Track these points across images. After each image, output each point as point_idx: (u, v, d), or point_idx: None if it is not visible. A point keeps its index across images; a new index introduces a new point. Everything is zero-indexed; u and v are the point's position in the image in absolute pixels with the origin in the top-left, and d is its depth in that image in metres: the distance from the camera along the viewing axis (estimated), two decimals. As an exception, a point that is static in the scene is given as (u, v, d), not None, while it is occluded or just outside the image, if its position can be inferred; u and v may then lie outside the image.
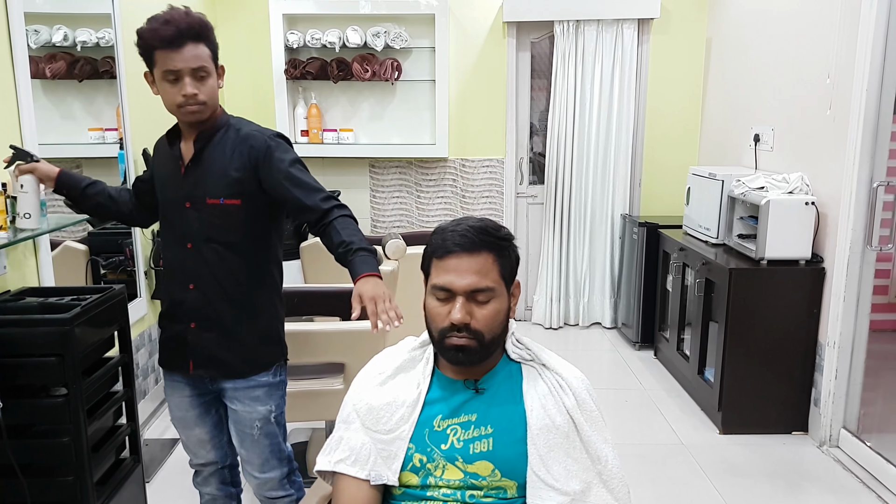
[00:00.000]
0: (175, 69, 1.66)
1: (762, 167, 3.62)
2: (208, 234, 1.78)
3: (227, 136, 1.79)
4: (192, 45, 1.67)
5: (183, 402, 1.92)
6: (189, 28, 1.67)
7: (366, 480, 1.28)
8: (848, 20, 2.86)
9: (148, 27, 1.69)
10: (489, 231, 1.30)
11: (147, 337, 3.29)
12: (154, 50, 1.67)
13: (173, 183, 1.81)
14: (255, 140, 1.77)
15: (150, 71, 1.74)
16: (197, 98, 1.69)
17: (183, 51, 1.66)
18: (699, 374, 3.45)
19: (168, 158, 1.83)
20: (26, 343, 1.88)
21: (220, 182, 1.76)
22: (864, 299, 2.91)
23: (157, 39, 1.66)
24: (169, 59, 1.66)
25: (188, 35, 1.66)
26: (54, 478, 1.96)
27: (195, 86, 1.68)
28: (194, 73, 1.68)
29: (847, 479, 2.80)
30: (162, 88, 1.71)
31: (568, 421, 1.29)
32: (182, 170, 1.79)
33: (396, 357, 1.39)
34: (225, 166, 1.76)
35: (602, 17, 4.36)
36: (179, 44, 1.66)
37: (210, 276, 1.80)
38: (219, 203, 1.76)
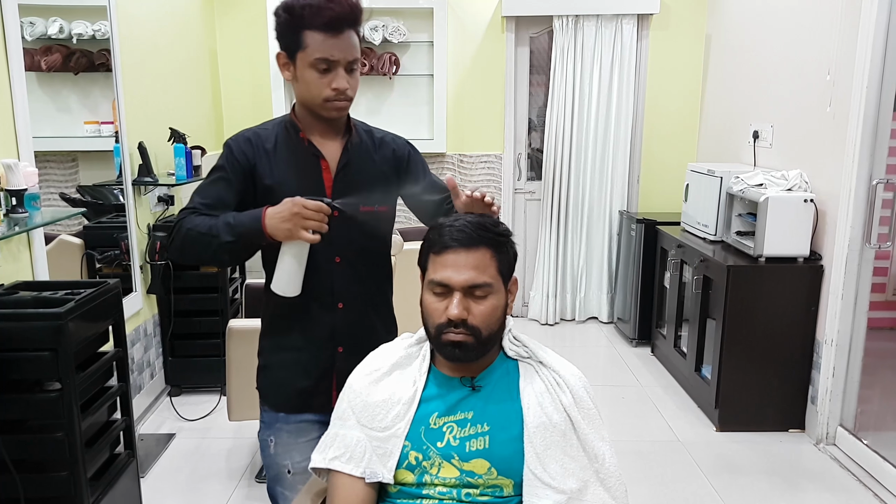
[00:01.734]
0: (332, 59, 1.44)
1: (761, 164, 3.61)
2: (362, 245, 1.57)
3: (362, 138, 1.60)
4: (350, 33, 1.45)
5: (311, 446, 1.42)
6: (352, 11, 1.44)
7: (361, 478, 1.27)
8: (848, 17, 2.85)
9: (311, 2, 1.41)
10: (487, 227, 1.29)
11: (142, 331, 3.27)
12: (305, 29, 1.42)
13: (313, 187, 1.52)
14: (397, 145, 1.63)
15: (287, 53, 1.48)
16: (347, 94, 1.49)
17: (342, 38, 1.44)
18: (696, 372, 3.44)
19: (302, 156, 1.54)
20: (20, 337, 1.86)
21: (374, 188, 1.57)
22: (863, 297, 2.90)
23: (317, 18, 1.41)
24: (325, 44, 1.42)
25: (349, 20, 1.44)
26: (48, 473, 1.95)
27: (347, 79, 1.48)
28: (349, 66, 1.48)
29: (844, 477, 2.80)
30: (307, 76, 1.46)
31: (565, 419, 1.28)
32: (327, 174, 1.54)
33: (392, 354, 1.38)
34: (377, 171, 1.58)
35: (601, 13, 4.34)
36: (340, 28, 1.43)
37: (361, 292, 1.59)
38: (373, 210, 1.56)
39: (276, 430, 1.59)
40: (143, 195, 3.28)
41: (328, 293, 1.55)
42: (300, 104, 1.55)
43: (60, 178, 2.80)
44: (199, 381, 3.49)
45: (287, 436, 1.58)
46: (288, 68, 1.50)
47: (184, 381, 3.49)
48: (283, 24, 1.47)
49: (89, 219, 2.98)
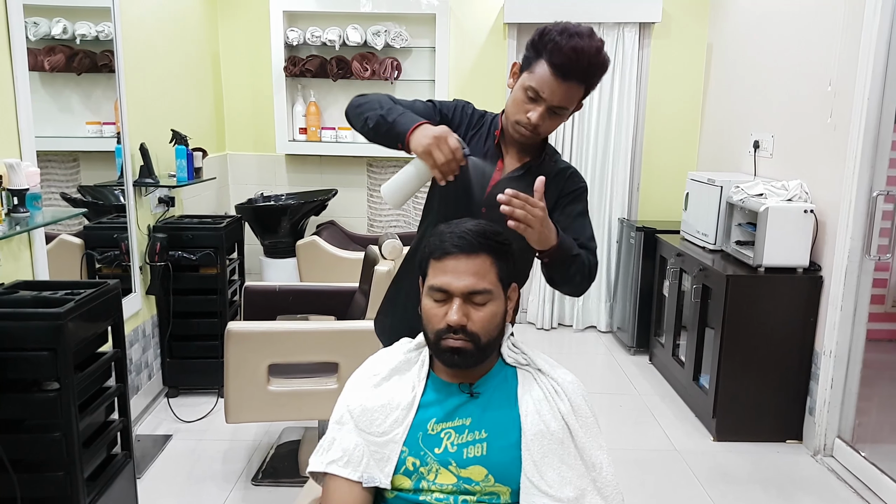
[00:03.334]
0: (542, 97, 1.50)
1: (761, 174, 3.62)
2: None
3: (545, 161, 1.65)
4: (574, 84, 1.49)
5: None
6: (586, 67, 1.48)
7: (358, 482, 1.27)
8: (850, 28, 2.86)
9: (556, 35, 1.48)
10: (487, 234, 1.29)
11: (141, 332, 3.27)
12: (540, 58, 1.50)
13: (479, 176, 1.61)
14: (570, 182, 1.65)
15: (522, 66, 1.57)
16: (536, 129, 1.54)
17: (564, 85, 1.49)
18: (694, 381, 3.44)
19: (483, 147, 1.65)
20: (19, 337, 1.86)
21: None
22: (862, 308, 2.90)
23: (555, 56, 1.47)
24: (546, 80, 1.48)
25: (581, 74, 1.49)
26: (45, 473, 1.95)
27: (544, 117, 1.52)
28: (554, 110, 1.52)
29: (841, 489, 2.80)
30: (516, 93, 1.56)
31: (563, 427, 1.28)
32: (497, 175, 1.63)
33: (391, 359, 1.38)
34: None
35: (603, 21, 4.35)
36: (567, 77, 1.48)
37: None
38: None
39: None
40: (143, 196, 3.28)
41: None
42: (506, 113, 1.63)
43: (61, 178, 2.80)
44: (197, 382, 3.48)
45: None
46: (514, 77, 1.59)
47: (181, 382, 3.49)
48: (531, 42, 1.55)
49: (90, 219, 2.98)
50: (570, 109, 1.55)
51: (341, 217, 4.68)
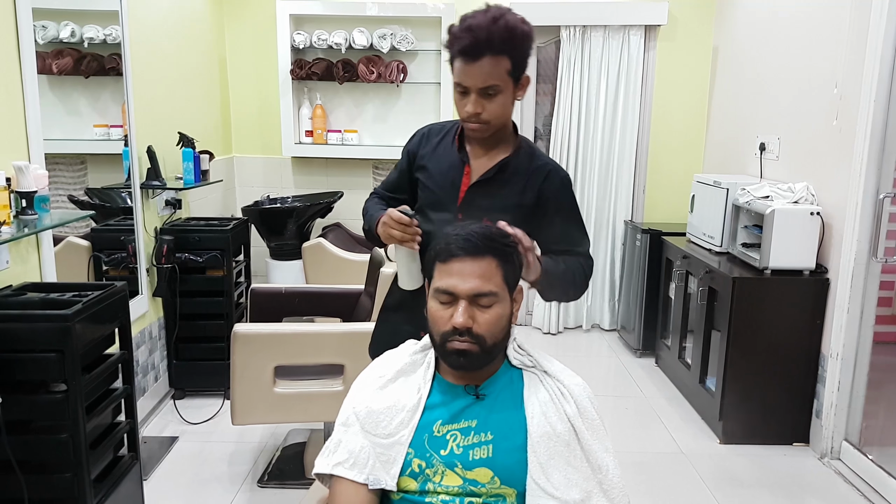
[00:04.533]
0: (466, 86, 1.53)
1: (767, 176, 3.61)
2: None
3: (520, 161, 1.64)
4: (490, 58, 1.49)
5: None
6: (484, 40, 1.47)
7: (364, 484, 1.27)
8: (856, 30, 2.85)
9: (457, 25, 1.52)
10: (493, 236, 1.29)
11: (147, 334, 3.28)
12: (452, 55, 1.54)
13: (450, 190, 1.64)
14: (551, 177, 1.64)
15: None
16: (479, 118, 1.56)
17: (475, 65, 1.49)
18: (700, 383, 3.43)
19: (448, 158, 1.66)
20: (26, 338, 1.87)
21: (505, 207, 1.59)
22: (868, 311, 2.89)
23: (455, 44, 1.50)
24: (461, 69, 1.52)
25: (481, 49, 1.48)
26: (52, 474, 1.96)
27: (480, 104, 1.54)
28: (484, 90, 1.52)
29: (848, 492, 2.79)
30: (454, 97, 1.61)
31: (569, 429, 1.28)
32: (466, 180, 1.64)
33: (397, 360, 1.38)
34: (518, 196, 1.62)
35: (609, 24, 4.35)
36: (471, 56, 1.49)
37: None
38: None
39: None
40: (150, 199, 3.29)
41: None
42: None
43: (69, 180, 2.81)
44: (203, 384, 3.49)
45: None
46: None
47: (188, 384, 3.50)
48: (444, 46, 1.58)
49: (97, 221, 2.99)
50: (503, 85, 1.52)
51: (347, 219, 4.68)
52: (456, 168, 1.66)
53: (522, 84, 1.58)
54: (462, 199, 1.64)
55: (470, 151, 1.67)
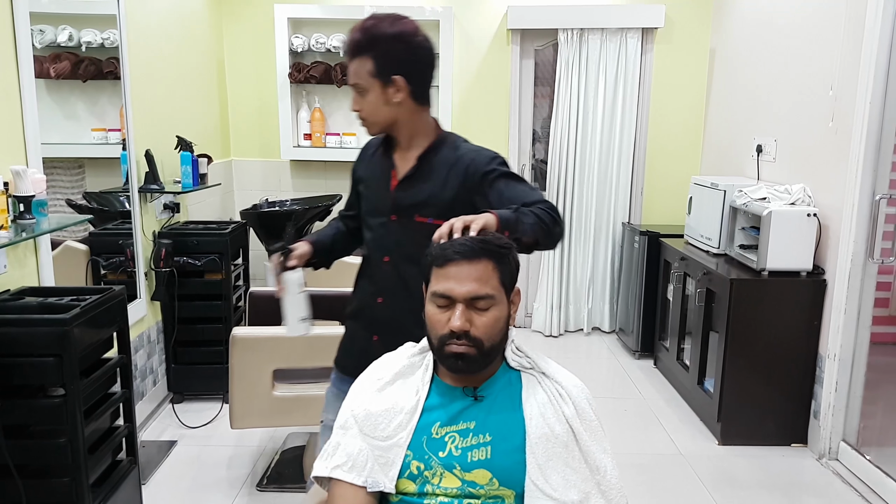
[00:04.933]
0: (350, 83, 1.66)
1: (764, 178, 3.62)
2: (409, 252, 1.66)
3: (443, 154, 1.70)
4: (357, 60, 1.62)
5: None
6: (351, 42, 1.63)
7: (362, 487, 1.27)
8: (852, 33, 2.86)
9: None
10: (489, 240, 1.30)
11: (146, 338, 3.28)
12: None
13: (382, 191, 1.72)
14: (472, 164, 1.66)
15: None
16: (360, 114, 1.67)
17: (350, 65, 1.64)
18: (699, 385, 3.44)
19: (380, 164, 1.75)
20: (25, 343, 1.88)
21: (432, 201, 1.66)
22: (865, 312, 2.90)
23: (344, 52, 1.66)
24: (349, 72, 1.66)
25: (351, 50, 1.63)
26: (50, 478, 1.96)
27: (357, 101, 1.66)
28: (355, 88, 1.66)
29: (846, 493, 2.79)
30: None
31: (567, 430, 1.28)
32: (394, 181, 1.70)
33: (395, 363, 1.39)
34: (440, 186, 1.67)
35: (606, 26, 4.37)
36: (350, 57, 1.64)
37: (403, 292, 1.69)
38: (427, 222, 1.65)
39: (330, 386, 1.90)
40: (149, 202, 3.30)
41: (372, 287, 1.76)
42: None
43: (67, 184, 2.81)
44: (202, 388, 3.49)
45: (332, 396, 1.87)
46: None
47: (186, 388, 3.50)
48: None
49: (95, 225, 3.00)
50: (367, 84, 1.63)
51: (345, 222, 4.68)
52: (385, 172, 1.73)
53: (396, 84, 1.62)
54: (393, 202, 1.70)
55: (396, 157, 1.73)
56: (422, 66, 1.66)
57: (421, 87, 1.67)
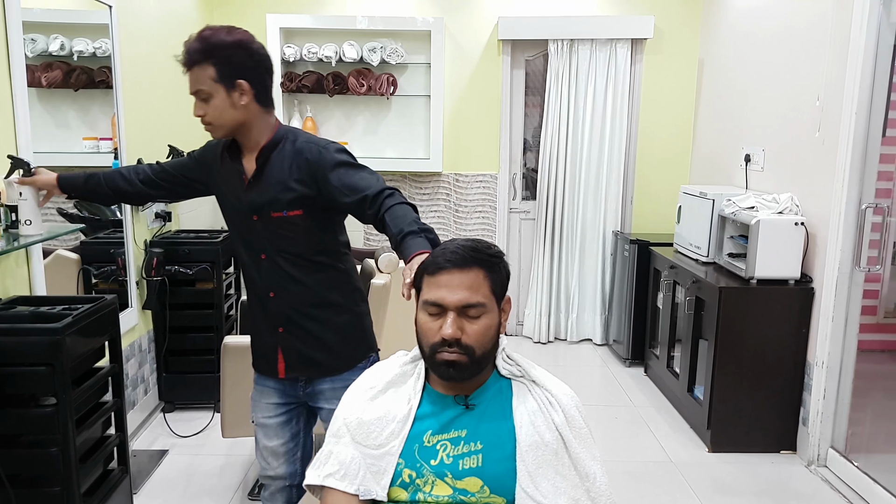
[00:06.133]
0: (191, 91, 1.75)
1: (753, 187, 3.66)
2: (278, 245, 1.80)
3: (284, 150, 1.79)
4: (196, 68, 1.72)
5: (269, 408, 1.93)
6: (187, 54, 1.72)
7: (355, 495, 1.28)
8: (838, 44, 2.91)
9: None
10: (480, 248, 1.31)
11: (137, 347, 3.28)
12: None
13: (238, 196, 1.82)
14: (309, 152, 1.78)
15: None
16: (204, 119, 1.75)
17: (190, 74, 1.73)
18: (689, 392, 3.46)
19: (230, 171, 1.83)
20: (16, 352, 1.87)
21: (281, 195, 1.77)
22: (853, 320, 2.93)
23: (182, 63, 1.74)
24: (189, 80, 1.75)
25: (191, 59, 1.72)
26: (41, 488, 1.95)
27: (201, 107, 1.74)
28: (197, 96, 1.74)
29: (835, 499, 2.81)
30: None
31: (557, 438, 1.29)
32: (245, 183, 1.80)
33: (388, 372, 1.40)
34: (285, 179, 1.77)
35: (596, 37, 4.41)
36: (188, 67, 1.73)
37: (287, 284, 1.82)
38: (282, 215, 1.77)
39: (255, 386, 1.98)
40: (140, 211, 3.29)
41: (259, 284, 1.85)
42: None
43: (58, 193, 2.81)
44: (193, 397, 3.48)
45: (256, 393, 1.96)
46: None
47: (178, 397, 3.49)
48: None
49: (86, 234, 2.99)
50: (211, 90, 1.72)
51: (337, 231, 4.69)
52: (236, 177, 1.82)
53: (240, 88, 1.72)
54: (250, 201, 1.79)
55: (244, 160, 1.82)
56: (262, 70, 1.76)
57: (264, 90, 1.77)
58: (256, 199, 1.78)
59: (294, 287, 1.82)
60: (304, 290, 1.83)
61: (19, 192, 2.04)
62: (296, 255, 1.81)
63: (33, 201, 2.07)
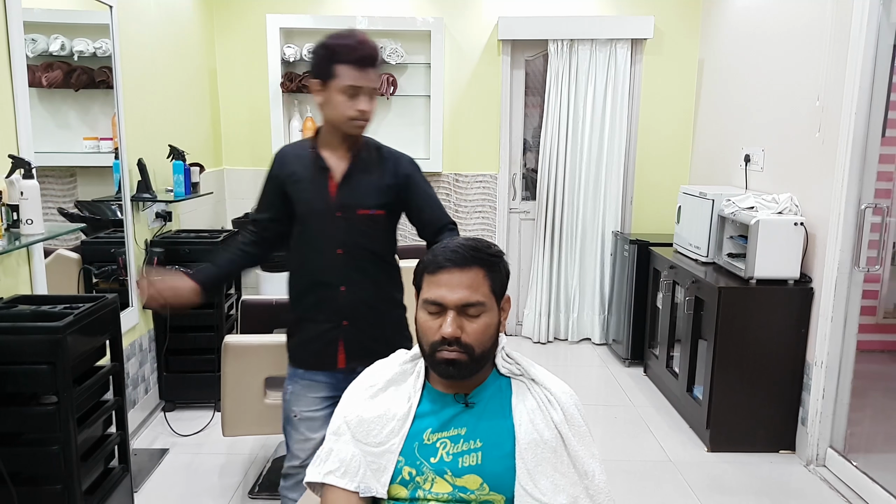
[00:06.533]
0: (359, 86, 1.81)
1: (752, 187, 3.66)
2: (357, 242, 1.93)
3: (370, 152, 1.95)
4: (374, 69, 1.84)
5: (315, 402, 2.00)
6: (375, 53, 1.85)
7: (355, 492, 1.29)
8: (837, 45, 2.91)
9: (338, 42, 1.81)
10: (480, 248, 1.32)
11: (138, 346, 3.28)
12: (338, 63, 1.80)
13: (322, 194, 1.91)
14: (401, 160, 1.98)
15: (320, 80, 1.85)
16: (367, 115, 1.86)
17: (368, 71, 1.82)
18: (688, 392, 3.46)
19: (315, 171, 1.92)
20: (18, 351, 1.88)
21: (371, 195, 1.92)
22: (852, 320, 2.94)
23: (350, 55, 1.79)
24: (354, 75, 1.80)
25: (374, 59, 1.84)
26: (43, 486, 1.96)
27: (369, 104, 1.85)
28: (371, 93, 1.85)
29: (833, 499, 2.82)
30: (336, 99, 1.83)
31: (556, 436, 1.30)
32: (332, 181, 1.91)
33: (388, 370, 1.41)
34: (376, 181, 1.93)
35: (596, 37, 4.42)
36: (367, 64, 1.82)
37: (360, 278, 1.94)
38: (368, 213, 1.92)
39: (293, 382, 2.02)
40: (141, 211, 3.30)
41: (333, 277, 1.93)
42: (327, 124, 1.91)
43: (59, 193, 2.82)
44: (194, 396, 3.49)
45: (300, 388, 2.01)
46: (318, 93, 1.87)
47: (178, 396, 3.49)
48: (319, 57, 1.84)
49: (87, 234, 3.00)
50: (377, 89, 1.89)
51: (337, 231, 4.70)
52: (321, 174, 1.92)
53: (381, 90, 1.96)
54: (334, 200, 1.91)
55: (326, 157, 1.93)
56: None
57: None
58: (346, 197, 1.90)
59: (366, 281, 1.94)
60: (373, 284, 1.96)
61: (20, 190, 2.05)
62: (371, 251, 1.94)
63: (35, 201, 2.09)
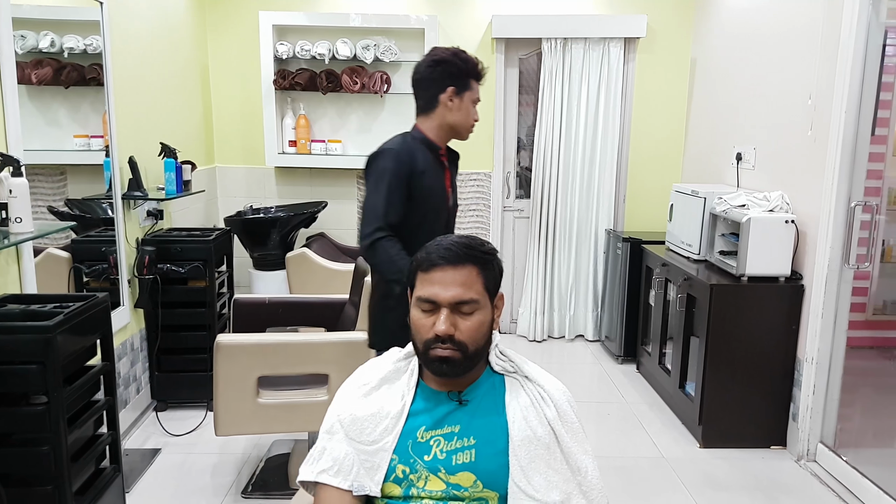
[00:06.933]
0: (479, 99, 2.24)
1: (744, 185, 3.68)
2: (453, 230, 2.33)
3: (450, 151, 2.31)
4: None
5: None
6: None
7: (348, 491, 1.28)
8: (828, 44, 2.93)
9: (468, 59, 2.18)
10: (473, 245, 1.32)
11: (129, 346, 3.27)
12: (473, 79, 2.19)
13: (443, 188, 2.21)
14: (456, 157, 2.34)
15: (455, 89, 2.16)
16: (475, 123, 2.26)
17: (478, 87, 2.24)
18: (680, 389, 3.48)
19: (437, 168, 2.20)
20: (7, 350, 1.86)
21: (455, 190, 2.31)
22: (842, 316, 2.96)
23: (480, 73, 2.21)
24: (478, 89, 2.23)
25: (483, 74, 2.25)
26: (33, 487, 1.94)
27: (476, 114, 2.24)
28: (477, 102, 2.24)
29: (824, 494, 2.84)
30: (466, 108, 2.19)
31: (549, 432, 1.30)
32: (448, 181, 2.24)
33: (381, 368, 1.40)
34: (454, 172, 2.32)
35: (589, 36, 4.42)
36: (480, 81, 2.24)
37: None
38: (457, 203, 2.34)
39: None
40: (132, 209, 3.28)
41: None
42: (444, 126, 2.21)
43: (49, 191, 2.80)
44: (186, 396, 3.47)
45: None
46: (451, 99, 2.17)
47: (170, 395, 3.48)
48: (456, 70, 2.16)
49: (77, 232, 2.98)
50: None
51: (331, 229, 4.69)
52: (441, 172, 2.23)
53: None
54: (451, 194, 2.25)
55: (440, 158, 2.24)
56: None
57: None
58: (455, 189, 2.28)
59: None
60: None
61: (9, 188, 2.03)
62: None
63: (24, 199, 2.07)
